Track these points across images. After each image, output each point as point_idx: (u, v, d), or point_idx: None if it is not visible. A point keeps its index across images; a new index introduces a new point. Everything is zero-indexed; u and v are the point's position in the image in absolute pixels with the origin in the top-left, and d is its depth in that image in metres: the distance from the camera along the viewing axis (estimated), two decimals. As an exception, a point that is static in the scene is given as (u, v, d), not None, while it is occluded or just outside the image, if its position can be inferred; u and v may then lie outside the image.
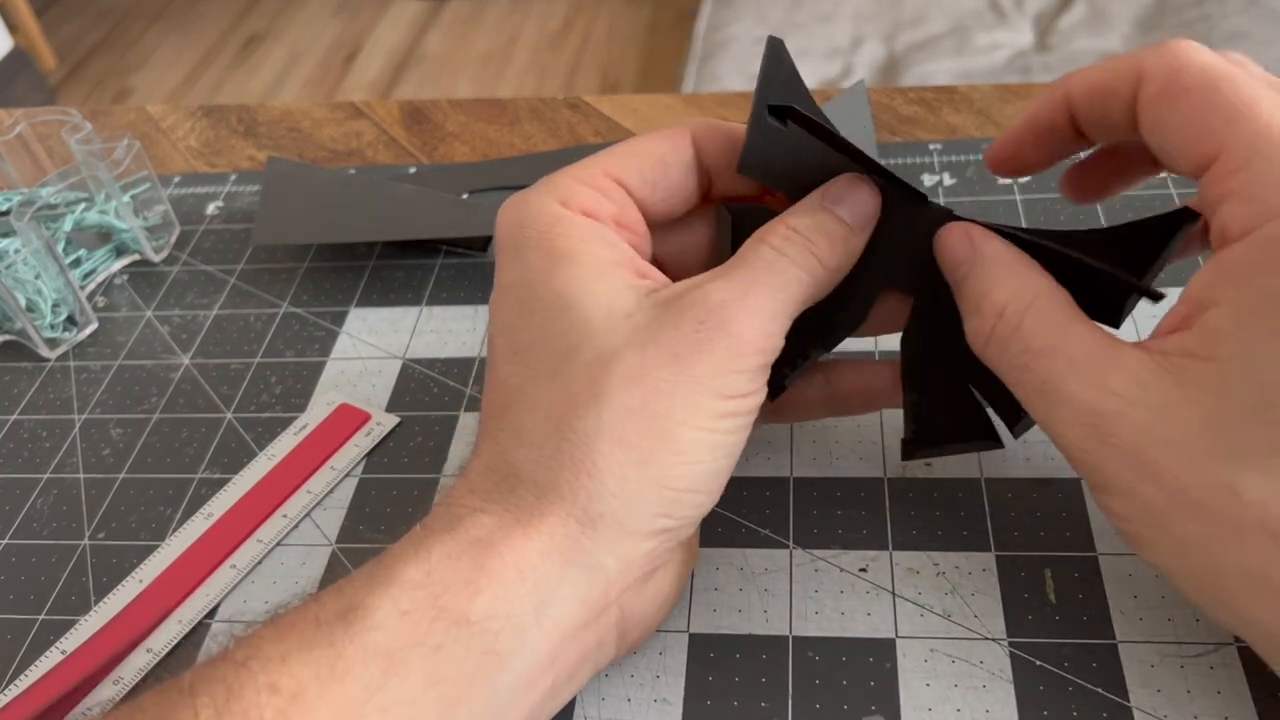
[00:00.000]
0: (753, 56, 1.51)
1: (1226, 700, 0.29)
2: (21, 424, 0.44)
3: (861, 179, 0.31)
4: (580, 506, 0.27)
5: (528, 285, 0.29)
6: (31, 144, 0.53)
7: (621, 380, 0.27)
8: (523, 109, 0.60)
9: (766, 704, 0.31)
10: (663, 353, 0.27)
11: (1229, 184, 0.25)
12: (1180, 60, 0.27)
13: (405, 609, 0.25)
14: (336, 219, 0.50)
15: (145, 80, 2.36)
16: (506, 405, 0.29)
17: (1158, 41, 0.28)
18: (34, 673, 0.34)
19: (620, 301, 0.28)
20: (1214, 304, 0.25)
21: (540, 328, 0.29)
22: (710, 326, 0.27)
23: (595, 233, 0.30)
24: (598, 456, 0.27)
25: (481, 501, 0.28)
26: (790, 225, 0.30)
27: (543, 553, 0.27)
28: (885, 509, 0.35)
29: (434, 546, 0.27)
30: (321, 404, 0.43)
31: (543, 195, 0.30)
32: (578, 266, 0.29)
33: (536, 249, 0.29)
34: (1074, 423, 0.27)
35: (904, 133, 0.53)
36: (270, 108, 0.63)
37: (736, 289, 0.28)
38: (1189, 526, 0.25)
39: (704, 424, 0.28)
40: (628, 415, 0.27)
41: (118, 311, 0.49)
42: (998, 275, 0.29)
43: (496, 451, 0.28)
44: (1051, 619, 0.32)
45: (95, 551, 0.39)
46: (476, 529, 0.27)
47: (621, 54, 2.24)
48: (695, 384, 0.27)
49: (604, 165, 0.31)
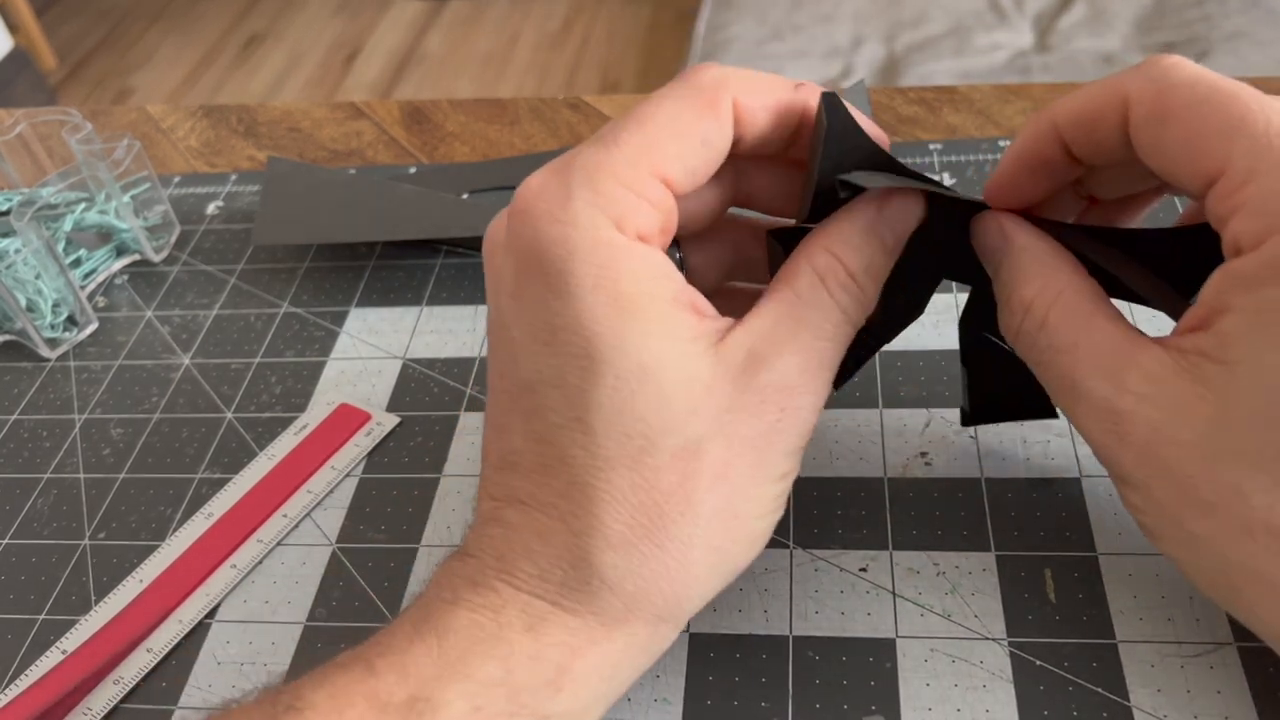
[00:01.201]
0: (753, 57, 1.51)
1: (1226, 700, 0.29)
2: (21, 424, 0.44)
3: (917, 198, 0.30)
4: (667, 609, 0.27)
5: (589, 339, 0.26)
6: (31, 144, 0.53)
7: (709, 480, 0.26)
8: (523, 109, 0.60)
9: (766, 704, 0.31)
10: (746, 447, 0.27)
11: (1237, 199, 0.25)
12: (1166, 79, 0.27)
13: (480, 705, 0.25)
14: (336, 219, 0.50)
15: (145, 80, 2.36)
16: (574, 483, 0.27)
17: (1145, 58, 0.28)
18: (34, 673, 0.34)
19: (694, 369, 0.26)
20: (1228, 310, 0.25)
21: (613, 401, 0.26)
22: (788, 414, 0.27)
23: (654, 265, 0.27)
24: (692, 566, 0.27)
25: (561, 598, 0.27)
26: (849, 270, 0.28)
27: (624, 652, 0.27)
28: (885, 509, 0.35)
29: (515, 645, 0.26)
30: (321, 404, 0.43)
31: (592, 211, 0.26)
32: (647, 320, 0.26)
33: (596, 291, 0.26)
34: (1094, 418, 0.27)
35: (904, 133, 0.53)
36: (270, 108, 0.63)
37: (809, 368, 0.27)
38: (1199, 524, 0.25)
39: (768, 509, 0.28)
40: (715, 519, 0.27)
41: (118, 311, 0.49)
42: (1027, 269, 0.29)
43: (574, 545, 0.26)
44: (1051, 619, 0.32)
45: (95, 551, 0.39)
46: (560, 632, 0.26)
47: (621, 54, 2.24)
48: (769, 476, 0.27)
49: (650, 160, 0.27)
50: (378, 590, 0.36)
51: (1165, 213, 0.44)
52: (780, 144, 0.30)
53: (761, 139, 0.29)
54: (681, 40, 2.15)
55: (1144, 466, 0.26)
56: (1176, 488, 0.26)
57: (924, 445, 0.37)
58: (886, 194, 0.29)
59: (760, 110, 0.28)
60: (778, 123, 0.29)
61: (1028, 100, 0.54)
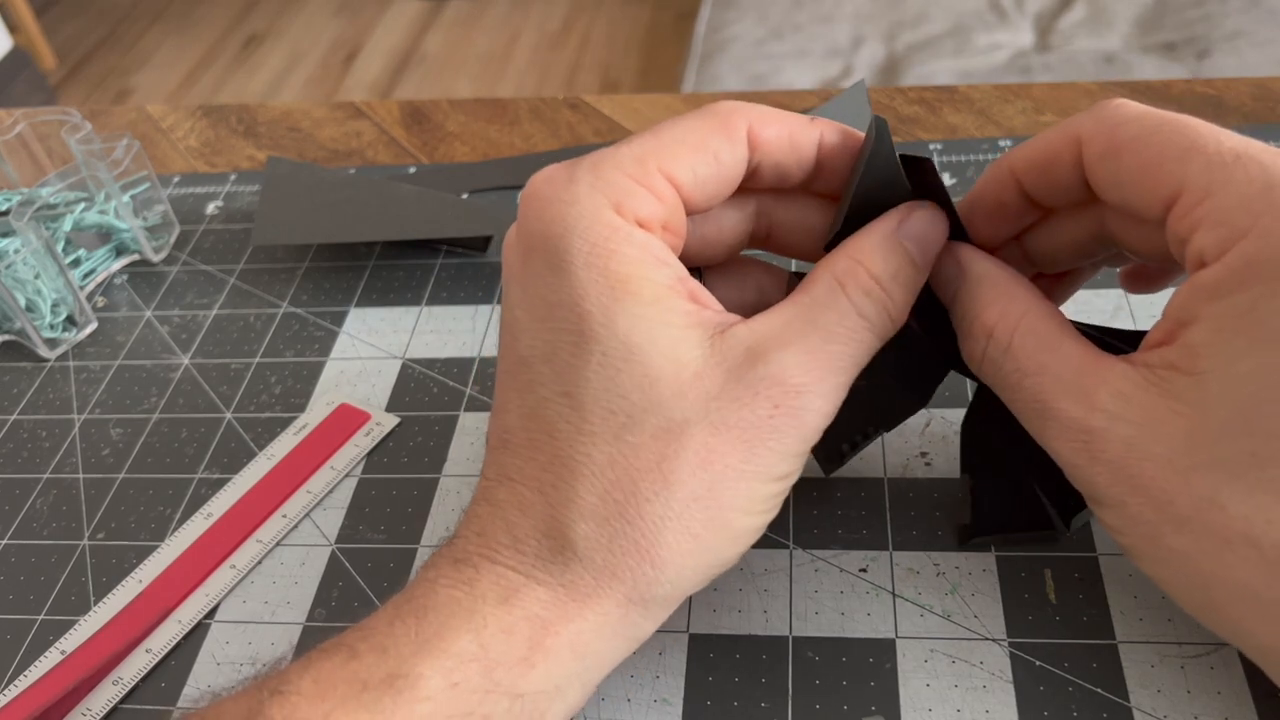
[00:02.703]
0: (753, 57, 1.51)
1: (1226, 700, 0.29)
2: (21, 424, 0.44)
3: (939, 214, 0.29)
4: (638, 590, 0.27)
5: (581, 315, 0.27)
6: (31, 144, 0.53)
7: (691, 464, 0.26)
8: (523, 109, 0.60)
9: (766, 704, 0.31)
10: (734, 437, 0.26)
11: (1197, 214, 0.25)
12: (1116, 116, 0.27)
13: (456, 681, 0.25)
14: (336, 219, 0.50)
15: (145, 80, 2.36)
16: (557, 457, 0.27)
17: (1095, 103, 0.28)
18: (34, 673, 0.34)
19: (685, 354, 0.27)
20: (1195, 320, 0.25)
21: (599, 377, 0.26)
22: (784, 412, 0.26)
23: (651, 250, 0.27)
24: (662, 548, 0.26)
25: (534, 569, 0.27)
26: (872, 274, 0.28)
27: (595, 630, 0.27)
28: (885, 509, 0.35)
29: (488, 617, 0.26)
30: (321, 404, 0.43)
31: (593, 194, 0.27)
32: (638, 302, 0.27)
33: (589, 268, 0.27)
34: (1065, 439, 0.27)
35: (904, 133, 0.53)
36: (270, 108, 0.63)
37: (815, 368, 0.27)
38: (1178, 540, 0.25)
39: (758, 508, 0.28)
40: (694, 504, 0.26)
41: (117, 311, 0.49)
42: (986, 295, 0.29)
43: (550, 515, 0.27)
44: (1051, 619, 0.32)
45: (95, 551, 0.38)
46: (532, 604, 0.27)
47: (621, 54, 2.24)
48: (758, 472, 0.27)
49: (658, 158, 0.28)
50: (377, 590, 0.36)
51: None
52: (799, 175, 0.30)
53: (778, 168, 0.30)
54: (681, 40, 2.15)
55: (1118, 484, 0.26)
56: (1152, 504, 0.25)
57: (924, 445, 0.37)
58: (910, 206, 0.29)
59: (775, 138, 0.29)
60: (793, 152, 0.29)
61: (1028, 100, 0.54)
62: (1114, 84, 0.54)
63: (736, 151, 0.29)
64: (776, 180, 0.30)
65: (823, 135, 0.30)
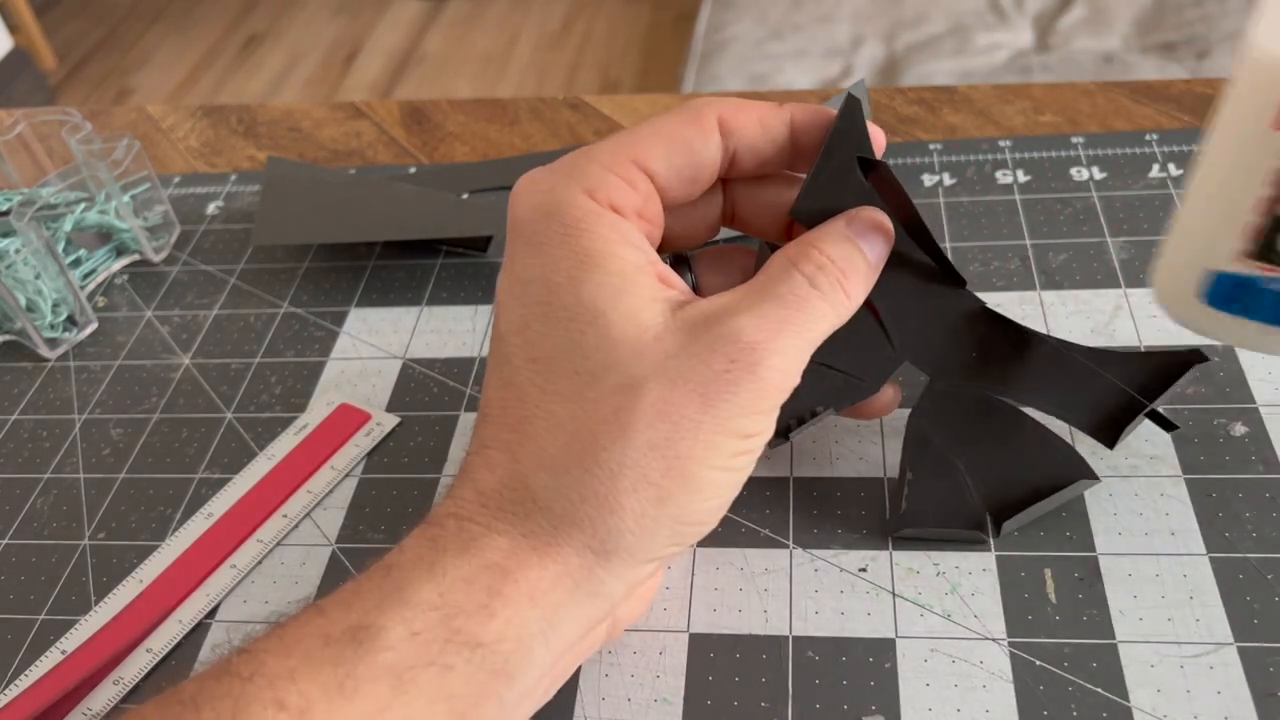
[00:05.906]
0: (753, 57, 1.51)
1: (1226, 700, 0.29)
2: (21, 424, 0.44)
3: (885, 219, 0.31)
4: (598, 539, 0.27)
5: (551, 287, 0.28)
6: (31, 144, 0.53)
7: (648, 415, 0.27)
8: (523, 109, 0.60)
9: (766, 704, 0.31)
10: (690, 390, 0.27)
11: None
12: None
13: (417, 630, 0.25)
14: (336, 219, 0.50)
15: (145, 80, 2.36)
16: (524, 417, 0.28)
17: None
18: (34, 673, 0.34)
19: (647, 319, 0.28)
20: None
21: (563, 339, 0.28)
22: (740, 367, 0.27)
23: (622, 232, 0.29)
24: (620, 494, 0.27)
25: (495, 520, 0.28)
26: (825, 254, 0.29)
27: (555, 580, 0.27)
28: (885, 509, 0.35)
29: (448, 567, 0.27)
30: (321, 404, 0.43)
31: (569, 183, 0.29)
32: (605, 273, 0.28)
33: (562, 246, 0.28)
34: None
35: (904, 133, 0.53)
36: (270, 108, 0.63)
37: (768, 327, 0.28)
38: None
39: (721, 463, 0.28)
40: (651, 452, 0.27)
41: (118, 311, 0.49)
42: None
43: (514, 469, 0.28)
44: (1051, 619, 0.32)
45: (95, 551, 0.39)
46: (492, 552, 0.27)
47: (621, 54, 2.24)
48: (718, 425, 0.27)
49: (631, 151, 0.30)
50: (378, 590, 0.36)
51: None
52: (776, 157, 0.32)
53: (754, 151, 0.31)
54: (681, 40, 2.15)
55: None
56: None
57: (924, 445, 0.37)
58: (859, 208, 0.31)
59: (745, 123, 0.31)
60: (765, 134, 0.31)
61: (1027, 100, 0.54)
62: (1113, 84, 0.54)
63: (709, 140, 0.30)
64: (756, 165, 0.32)
65: (793, 115, 0.31)
